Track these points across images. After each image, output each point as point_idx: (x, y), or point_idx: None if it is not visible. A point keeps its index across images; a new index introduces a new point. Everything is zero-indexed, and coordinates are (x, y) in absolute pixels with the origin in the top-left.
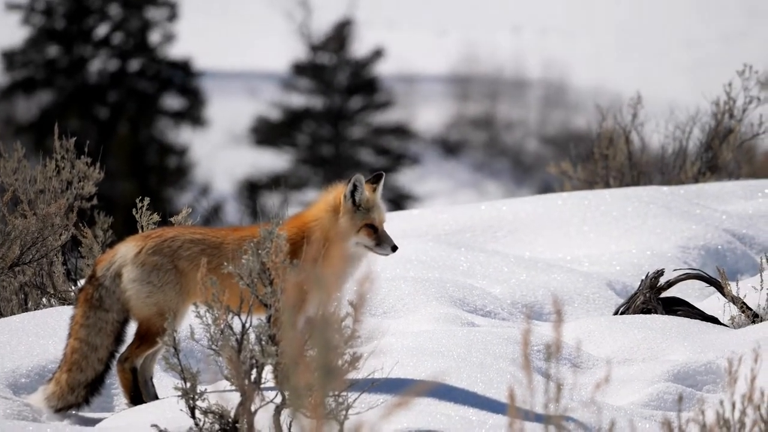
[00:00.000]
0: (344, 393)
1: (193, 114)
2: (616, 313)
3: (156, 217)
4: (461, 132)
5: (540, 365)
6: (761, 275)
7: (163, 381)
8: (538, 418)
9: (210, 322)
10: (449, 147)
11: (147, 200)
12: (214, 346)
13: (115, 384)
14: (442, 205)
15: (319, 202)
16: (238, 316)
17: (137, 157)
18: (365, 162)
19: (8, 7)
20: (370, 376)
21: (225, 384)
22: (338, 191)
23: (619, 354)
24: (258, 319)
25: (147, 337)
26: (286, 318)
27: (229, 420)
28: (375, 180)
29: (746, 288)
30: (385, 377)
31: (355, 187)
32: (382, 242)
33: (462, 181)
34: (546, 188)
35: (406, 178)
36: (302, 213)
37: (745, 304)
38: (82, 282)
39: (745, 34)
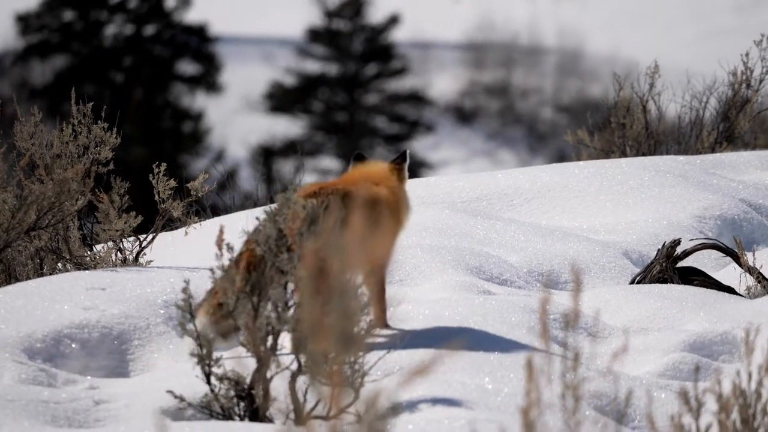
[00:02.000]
0: (360, 360)
1: (208, 79)
2: (632, 283)
3: (172, 183)
4: (476, 100)
5: (556, 334)
6: None
7: (179, 347)
8: (555, 387)
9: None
10: (464, 115)
11: (164, 166)
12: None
13: (130, 349)
14: (456, 173)
15: (382, 168)
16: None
17: (152, 123)
18: (380, 129)
19: None
20: (386, 343)
21: (241, 350)
22: (391, 164)
23: (635, 323)
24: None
25: None
26: (303, 285)
27: (245, 386)
28: (402, 158)
29: (763, 258)
30: (402, 345)
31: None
32: None
33: (476, 149)
34: (561, 157)
35: (420, 146)
36: (370, 171)
37: (761, 274)
38: (97, 247)
39: (759, 4)
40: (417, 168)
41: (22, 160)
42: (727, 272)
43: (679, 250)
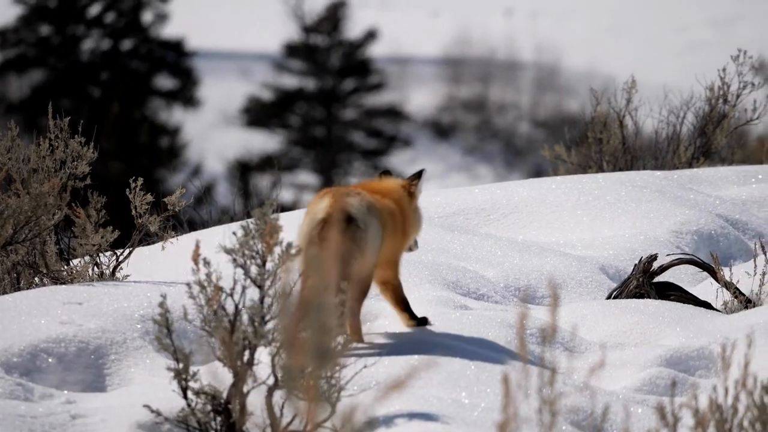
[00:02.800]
0: (336, 375)
1: (185, 94)
2: (609, 298)
3: (149, 198)
4: (453, 114)
5: (533, 349)
6: (754, 261)
7: (156, 362)
8: (531, 402)
9: (203, 302)
10: (441, 129)
11: (141, 180)
12: (207, 327)
13: (107, 364)
14: (433, 188)
15: (394, 183)
16: (231, 296)
17: (129, 137)
18: (357, 144)
19: None
20: (362, 358)
21: (218, 365)
22: (405, 181)
23: (612, 338)
24: (251, 300)
25: None
26: (280, 300)
27: (222, 401)
28: (417, 176)
29: (739, 273)
30: (379, 360)
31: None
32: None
33: (453, 163)
34: (538, 172)
35: (397, 161)
36: (384, 184)
37: (738, 289)
38: (74, 261)
39: (736, 19)
40: None
41: (0, 174)
42: (704, 287)
43: (655, 265)
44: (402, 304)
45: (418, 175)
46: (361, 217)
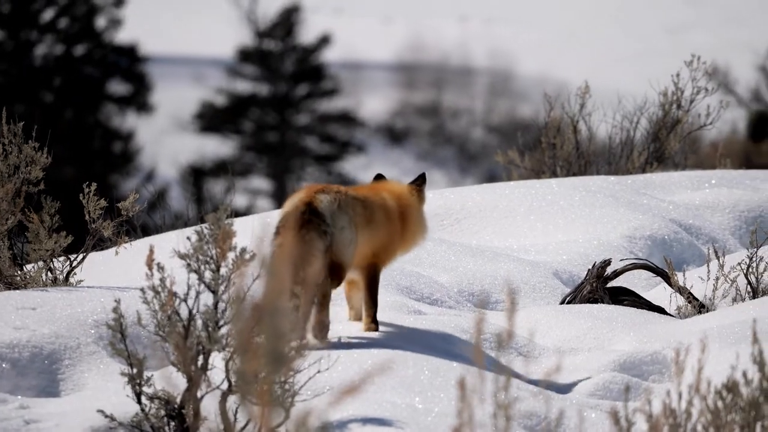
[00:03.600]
0: (290, 380)
1: (138, 99)
2: (562, 303)
3: (103, 203)
4: (407, 120)
5: (488, 353)
6: (708, 266)
7: (110, 367)
8: (486, 406)
9: (157, 307)
10: (395, 135)
11: (94, 186)
12: (161, 332)
13: (61, 369)
14: None
15: (400, 186)
16: (185, 301)
17: (82, 143)
18: (311, 149)
19: None
20: (316, 364)
21: (172, 370)
22: (411, 185)
23: (566, 343)
24: (205, 305)
25: None
26: (234, 305)
27: (175, 406)
28: (422, 180)
29: (693, 278)
30: (332, 365)
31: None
32: None
33: (407, 169)
34: (491, 177)
35: (351, 166)
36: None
37: (691, 294)
38: (28, 267)
39: (689, 26)
40: None
41: None
42: (658, 292)
43: (609, 270)
44: (373, 303)
45: (422, 178)
46: (328, 212)
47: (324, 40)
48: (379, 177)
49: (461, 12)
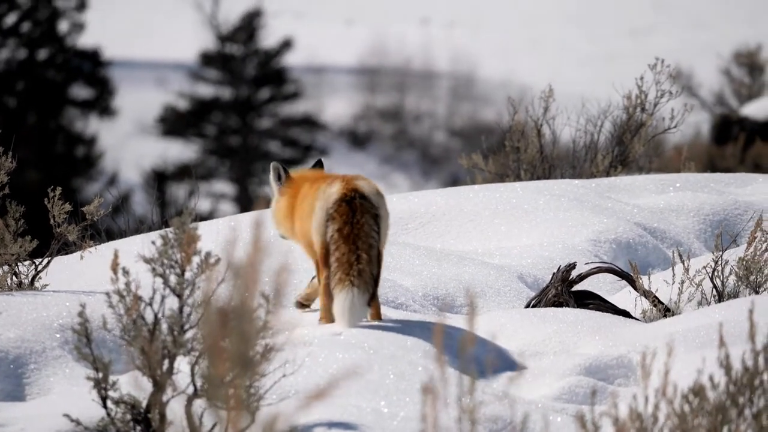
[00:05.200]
0: (256, 384)
1: (101, 104)
2: (527, 306)
3: (68, 207)
4: (369, 124)
5: (451, 358)
6: (673, 269)
7: (75, 371)
8: (451, 411)
9: (122, 312)
10: (357, 139)
11: (59, 190)
12: (126, 336)
13: (26, 373)
14: None
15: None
16: (150, 305)
17: (45, 147)
18: (273, 153)
19: None
20: (282, 367)
21: (137, 374)
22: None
23: (531, 347)
24: (170, 309)
25: None
26: (200, 309)
27: (141, 410)
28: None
29: (658, 282)
30: (297, 369)
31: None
32: None
33: (370, 173)
34: (454, 181)
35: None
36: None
37: (656, 298)
38: None
39: (652, 29)
40: None
41: None
42: (623, 296)
43: (574, 273)
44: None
45: (320, 164)
46: (374, 198)
47: (286, 44)
48: (319, 164)
49: (423, 15)
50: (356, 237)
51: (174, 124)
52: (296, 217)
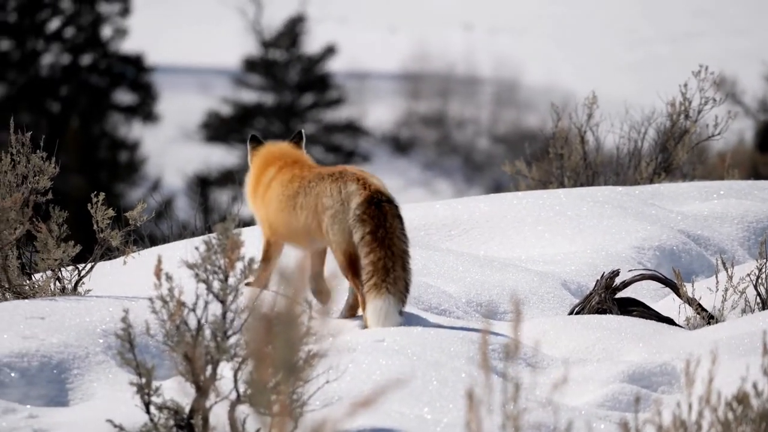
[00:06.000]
0: (300, 390)
1: (144, 109)
2: (571, 313)
3: (111, 213)
4: (412, 130)
5: (496, 364)
6: (716, 276)
7: (118, 376)
8: (495, 417)
9: (166, 317)
10: (400, 145)
11: (102, 195)
12: (169, 342)
13: (70, 378)
14: None
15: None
16: (194, 311)
17: (88, 152)
18: (316, 159)
19: None
20: (325, 373)
21: (181, 380)
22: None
23: (575, 354)
24: (213, 315)
25: None
26: (245, 315)
27: (184, 416)
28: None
29: (701, 289)
30: (341, 375)
31: None
32: None
33: (412, 179)
34: (497, 187)
35: None
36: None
37: (700, 305)
38: (36, 276)
39: (694, 35)
40: None
41: None
42: (666, 303)
43: (617, 280)
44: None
45: (300, 135)
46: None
47: (329, 50)
48: (298, 136)
49: (466, 21)
50: (390, 242)
51: (217, 129)
52: (261, 192)
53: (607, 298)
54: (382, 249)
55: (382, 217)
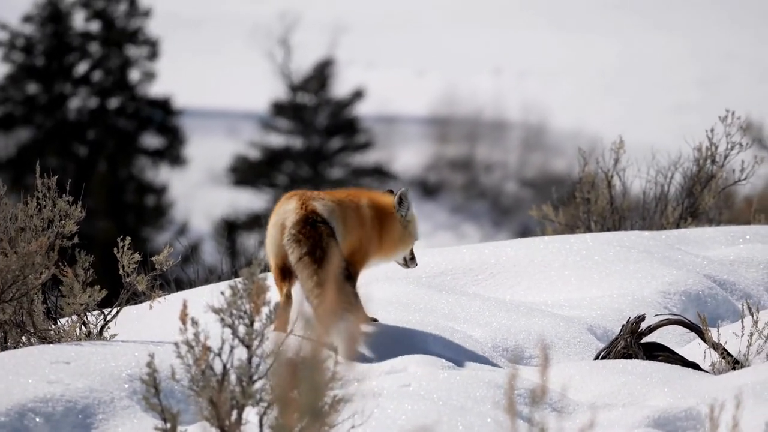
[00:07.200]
0: None
1: (172, 153)
2: (596, 358)
3: (137, 257)
4: (440, 173)
5: (521, 410)
6: (742, 321)
7: (143, 421)
8: None
9: (191, 362)
10: (428, 188)
11: (129, 239)
12: (194, 387)
13: (95, 423)
14: (420, 248)
15: (379, 194)
16: (219, 356)
17: (115, 196)
18: None
19: None
20: (351, 419)
21: (206, 425)
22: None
23: (600, 399)
24: (239, 360)
25: None
26: (270, 359)
27: None
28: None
29: (727, 334)
30: (366, 419)
31: (402, 201)
32: (415, 258)
33: (440, 223)
34: (525, 231)
35: None
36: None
37: (725, 350)
38: (62, 321)
39: (723, 79)
40: None
41: None
42: (692, 348)
43: (643, 325)
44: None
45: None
46: (328, 216)
47: (357, 94)
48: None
49: (495, 65)
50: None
51: (245, 173)
52: None
53: (633, 343)
54: (320, 269)
55: (317, 236)
